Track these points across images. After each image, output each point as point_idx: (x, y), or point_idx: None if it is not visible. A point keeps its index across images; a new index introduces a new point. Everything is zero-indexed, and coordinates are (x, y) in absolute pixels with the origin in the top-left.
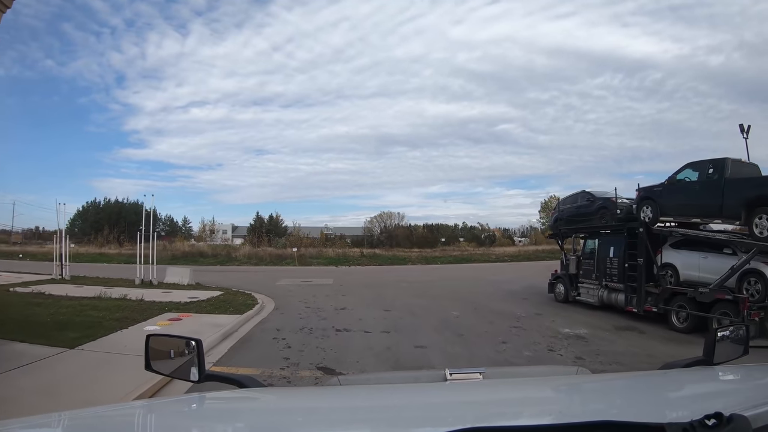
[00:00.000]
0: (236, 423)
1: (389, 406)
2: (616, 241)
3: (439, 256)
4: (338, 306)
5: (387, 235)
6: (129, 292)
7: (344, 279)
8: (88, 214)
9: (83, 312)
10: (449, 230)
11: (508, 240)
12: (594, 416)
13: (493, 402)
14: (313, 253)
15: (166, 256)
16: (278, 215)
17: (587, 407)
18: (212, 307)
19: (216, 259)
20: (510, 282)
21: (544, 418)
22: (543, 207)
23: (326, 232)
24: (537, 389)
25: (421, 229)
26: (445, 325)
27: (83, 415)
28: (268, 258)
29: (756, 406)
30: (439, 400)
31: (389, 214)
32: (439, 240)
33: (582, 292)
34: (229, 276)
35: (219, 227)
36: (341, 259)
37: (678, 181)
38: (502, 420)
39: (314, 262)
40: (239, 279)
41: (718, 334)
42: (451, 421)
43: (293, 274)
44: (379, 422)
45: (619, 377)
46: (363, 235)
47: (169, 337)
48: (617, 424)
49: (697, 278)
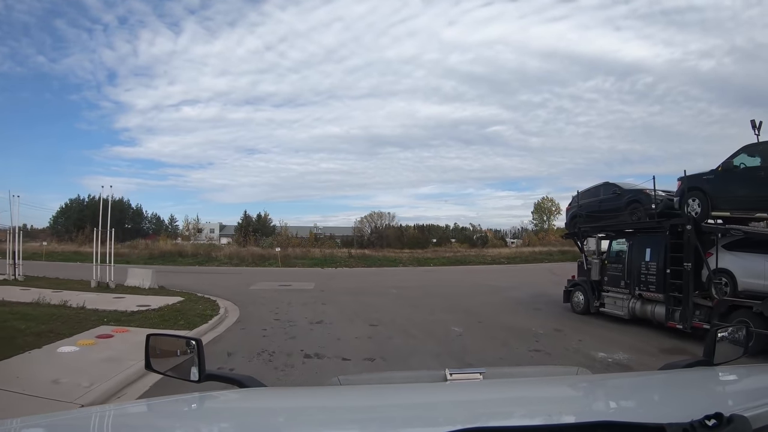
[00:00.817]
0: (237, 423)
1: (389, 406)
2: (653, 241)
3: (432, 257)
4: (314, 318)
5: (377, 235)
6: (75, 297)
7: (327, 283)
8: (71, 212)
9: (6, 322)
10: (440, 231)
11: (501, 241)
12: (594, 416)
13: (493, 402)
14: (299, 253)
15: (144, 255)
16: (266, 214)
17: (587, 407)
18: (160, 319)
19: (195, 259)
20: (514, 288)
21: (544, 418)
22: (536, 208)
23: (316, 232)
24: (537, 389)
25: (412, 229)
26: (447, 348)
27: (83, 414)
28: (251, 258)
29: (756, 406)
30: (440, 400)
31: (380, 214)
32: (431, 241)
33: (607, 302)
34: (202, 278)
35: (206, 226)
36: (328, 260)
37: (735, 167)
38: (503, 420)
39: (299, 263)
40: (211, 282)
41: (718, 334)
42: (451, 421)
43: (273, 276)
44: (379, 422)
45: (619, 377)
46: (353, 236)
47: (169, 336)
48: (617, 424)
49: (763, 287)
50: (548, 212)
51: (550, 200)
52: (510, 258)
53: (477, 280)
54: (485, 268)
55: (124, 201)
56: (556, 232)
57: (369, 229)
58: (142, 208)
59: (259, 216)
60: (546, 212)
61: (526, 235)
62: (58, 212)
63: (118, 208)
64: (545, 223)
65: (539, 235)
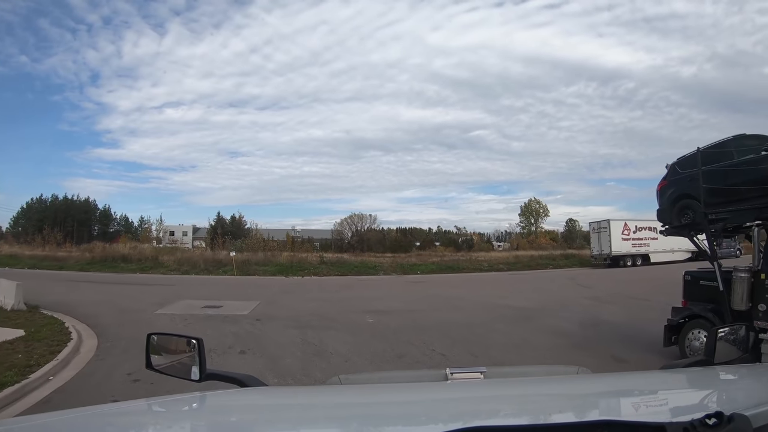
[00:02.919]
0: (238, 422)
1: (390, 405)
2: None
3: (418, 263)
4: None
5: (358, 238)
6: None
7: (277, 302)
8: (32, 212)
9: None
10: (423, 234)
11: (487, 244)
12: (595, 415)
13: (493, 401)
14: (261, 258)
15: (85, 259)
16: (241, 216)
17: (588, 406)
18: None
19: (140, 264)
20: (545, 311)
21: (545, 418)
22: (523, 210)
23: (293, 235)
24: (538, 389)
25: (394, 232)
26: None
27: (83, 414)
28: (203, 264)
29: (757, 405)
30: (440, 400)
31: (360, 216)
32: (414, 244)
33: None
34: (113, 292)
35: (179, 228)
36: (295, 267)
37: None
38: (503, 419)
39: (260, 270)
40: (119, 297)
41: (718, 334)
42: (452, 420)
43: (213, 289)
44: (379, 421)
45: (620, 377)
46: (331, 239)
47: (169, 335)
48: (618, 423)
49: None
50: (536, 214)
51: (537, 202)
52: (509, 264)
53: (485, 297)
54: (484, 276)
55: (90, 202)
56: (546, 234)
57: (349, 232)
58: (110, 210)
59: (233, 218)
60: (534, 214)
61: (515, 237)
62: (19, 212)
63: (83, 209)
64: (533, 225)
65: (529, 238)
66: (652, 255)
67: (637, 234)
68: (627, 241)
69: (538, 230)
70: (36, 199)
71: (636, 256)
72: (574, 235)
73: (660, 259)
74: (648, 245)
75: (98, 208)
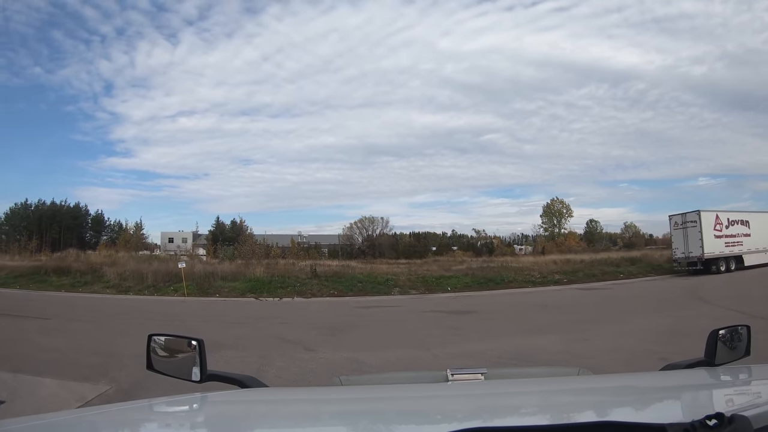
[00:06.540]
0: (238, 423)
1: (391, 406)
2: None
3: (445, 274)
4: None
5: (369, 243)
6: None
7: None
8: (15, 218)
9: None
10: (438, 239)
11: (510, 248)
12: (595, 416)
13: (494, 402)
14: (230, 271)
15: (19, 270)
16: (242, 221)
17: (589, 407)
18: None
19: (77, 279)
20: None
21: (546, 418)
22: (545, 211)
23: (299, 240)
24: (538, 389)
25: (407, 237)
26: None
27: (84, 414)
28: (151, 280)
29: (757, 406)
30: (441, 400)
31: (371, 220)
32: (430, 249)
33: None
34: None
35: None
36: (276, 282)
37: None
38: (504, 420)
39: (225, 287)
40: None
41: (719, 334)
42: (452, 421)
43: (93, 335)
44: (380, 422)
45: (620, 378)
46: (340, 244)
47: (170, 336)
48: (618, 424)
49: None
50: (559, 215)
51: (560, 202)
52: (566, 273)
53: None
54: (553, 295)
55: (81, 207)
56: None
57: (360, 237)
58: (103, 215)
59: (234, 223)
60: (557, 215)
61: (540, 241)
62: (4, 218)
63: (71, 215)
64: (556, 227)
65: (557, 241)
66: (746, 256)
67: (730, 229)
68: (720, 239)
69: (562, 231)
70: (21, 204)
71: (729, 258)
72: (595, 237)
73: (754, 261)
74: (741, 243)
75: (89, 213)
